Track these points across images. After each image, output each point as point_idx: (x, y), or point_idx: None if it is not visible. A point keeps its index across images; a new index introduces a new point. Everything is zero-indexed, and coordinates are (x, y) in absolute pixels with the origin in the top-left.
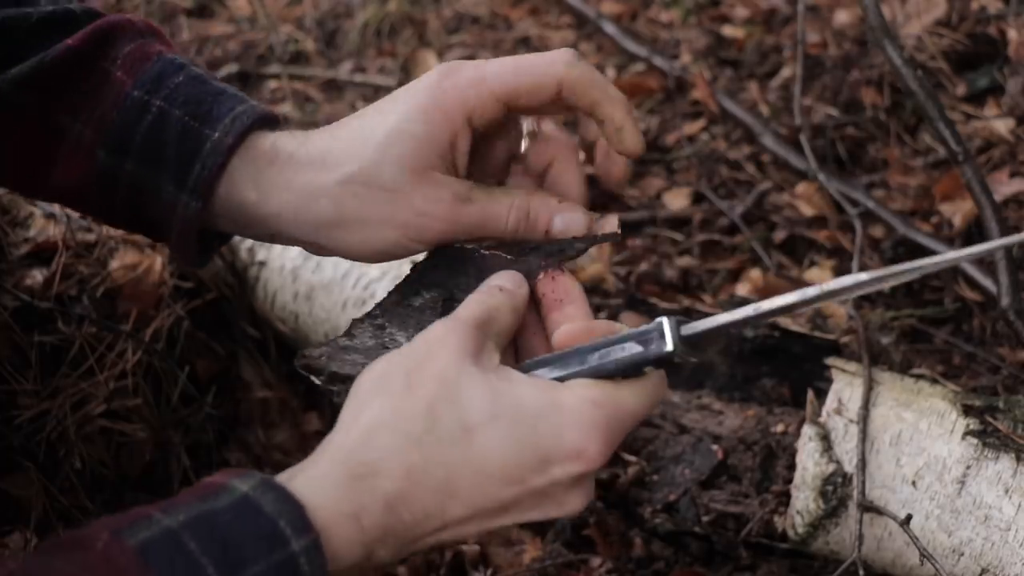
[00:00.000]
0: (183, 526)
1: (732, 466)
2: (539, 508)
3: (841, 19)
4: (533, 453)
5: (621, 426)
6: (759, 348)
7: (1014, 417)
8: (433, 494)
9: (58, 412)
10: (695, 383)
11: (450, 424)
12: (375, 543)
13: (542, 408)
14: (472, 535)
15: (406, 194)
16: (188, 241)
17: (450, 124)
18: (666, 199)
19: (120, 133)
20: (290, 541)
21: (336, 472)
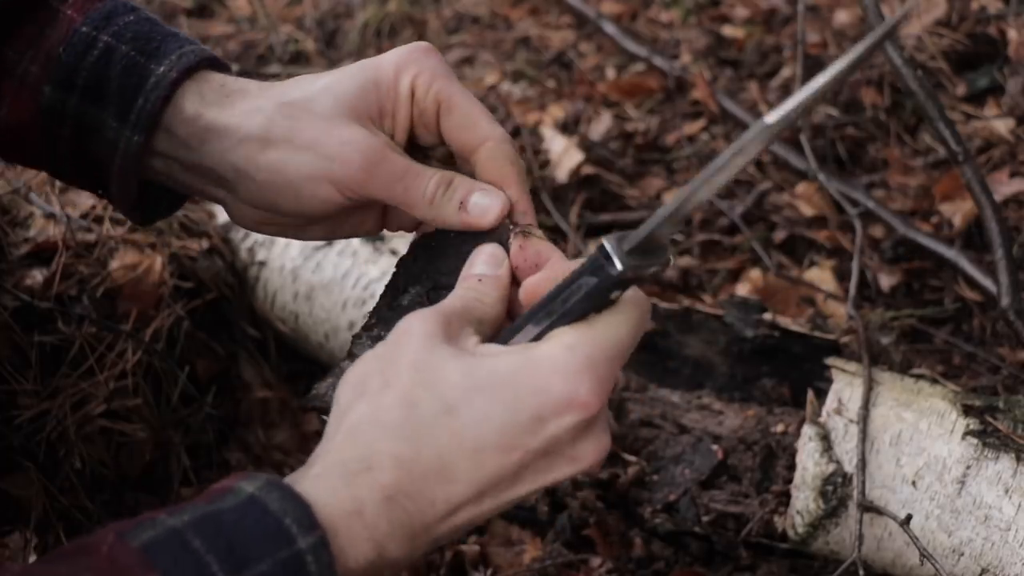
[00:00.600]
0: (188, 525)
1: (732, 466)
2: (553, 469)
3: (841, 19)
4: (522, 415)
5: (607, 360)
6: (759, 348)
7: (1014, 417)
8: (431, 480)
9: (58, 412)
10: (695, 383)
11: (430, 407)
12: (384, 538)
13: (519, 369)
14: (494, 511)
15: (336, 125)
16: (128, 182)
17: (402, 87)
18: (666, 199)
19: (66, 69)
20: (296, 539)
21: (332, 472)
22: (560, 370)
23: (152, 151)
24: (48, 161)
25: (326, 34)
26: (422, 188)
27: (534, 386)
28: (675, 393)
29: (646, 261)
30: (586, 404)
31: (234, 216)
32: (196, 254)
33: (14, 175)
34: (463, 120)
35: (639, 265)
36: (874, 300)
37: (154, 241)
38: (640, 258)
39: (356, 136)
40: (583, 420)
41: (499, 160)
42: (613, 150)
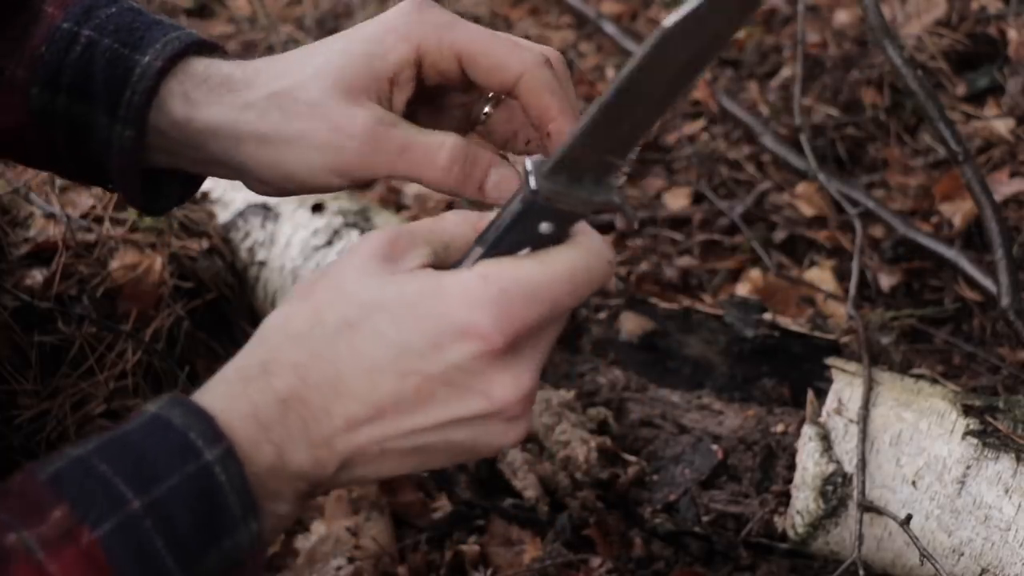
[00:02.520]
0: (92, 452)
1: (732, 466)
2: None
3: (841, 19)
4: (418, 338)
5: (524, 298)
6: (759, 348)
7: (1014, 417)
8: (325, 390)
9: (58, 412)
10: (695, 383)
11: (334, 320)
12: (281, 441)
13: (425, 292)
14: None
15: (327, 109)
16: (129, 176)
17: (396, 53)
18: (666, 199)
19: (49, 68)
20: (202, 452)
21: (231, 378)
22: (465, 297)
23: (150, 147)
24: (49, 161)
25: (326, 34)
26: (431, 160)
27: (435, 311)
28: (675, 393)
29: (576, 190)
30: (486, 336)
31: (249, 187)
32: (196, 254)
33: (14, 175)
34: (490, 63)
35: (562, 192)
36: (874, 300)
37: (154, 241)
38: (568, 185)
39: (347, 117)
40: (484, 352)
41: (536, 92)
42: None
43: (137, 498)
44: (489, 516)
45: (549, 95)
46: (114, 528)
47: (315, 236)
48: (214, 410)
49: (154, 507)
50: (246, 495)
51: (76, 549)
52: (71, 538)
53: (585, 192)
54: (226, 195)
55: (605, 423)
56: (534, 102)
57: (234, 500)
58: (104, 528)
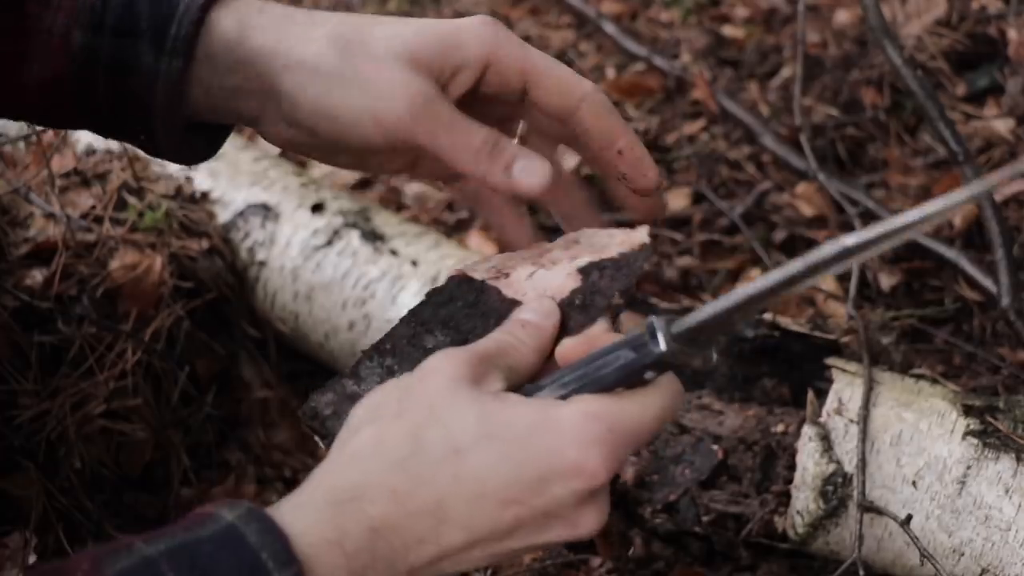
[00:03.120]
0: (163, 555)
1: (732, 466)
2: (549, 529)
3: (841, 19)
4: (529, 471)
5: (624, 438)
6: (759, 348)
7: (1014, 417)
8: (423, 518)
9: (58, 412)
10: (695, 383)
11: (438, 445)
12: (364, 570)
13: (536, 425)
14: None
15: (388, 66)
16: (173, 116)
17: (469, 50)
18: (666, 199)
19: (92, 11)
20: (272, 574)
21: (319, 498)
22: (576, 436)
23: (192, 79)
24: (85, 113)
25: None
26: (468, 141)
27: (547, 446)
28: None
29: (690, 350)
30: (594, 475)
31: (267, 135)
32: (196, 254)
33: (14, 175)
34: (555, 86)
35: (682, 351)
36: (874, 300)
37: (154, 241)
38: (685, 345)
39: (407, 79)
40: (589, 489)
41: (603, 113)
42: None
43: None
44: None
45: (613, 117)
46: None
47: (315, 236)
48: (294, 530)
49: None
50: None
51: None
52: None
53: (696, 350)
54: (226, 195)
55: None
56: (599, 124)
57: None
58: None
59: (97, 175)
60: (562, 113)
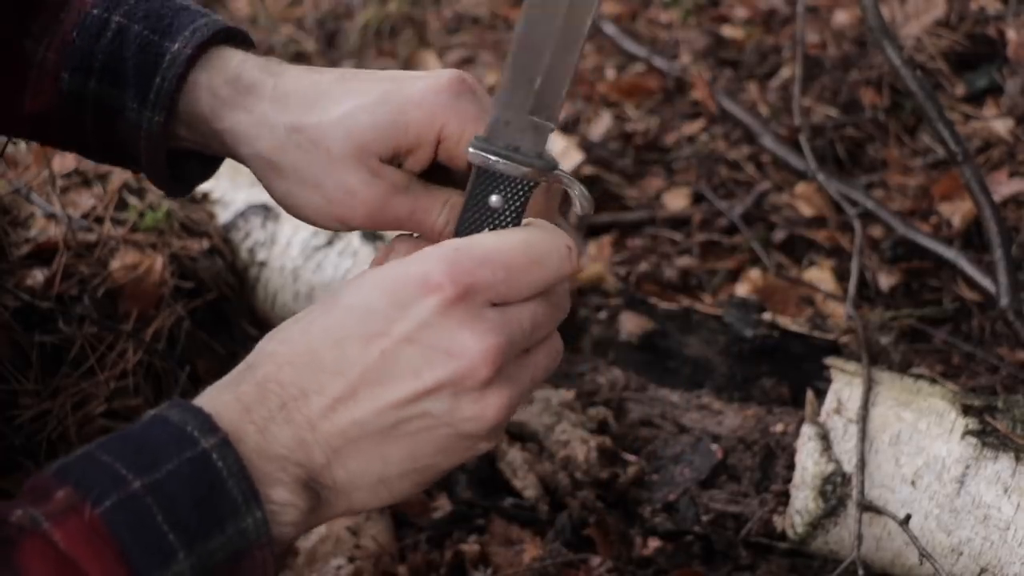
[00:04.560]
0: (96, 447)
1: (732, 466)
2: (428, 363)
3: (840, 19)
4: (381, 300)
5: (472, 255)
6: (759, 348)
7: (1013, 417)
8: (298, 368)
9: (59, 412)
10: (695, 383)
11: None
12: (264, 423)
13: (393, 265)
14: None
15: (344, 168)
16: (157, 160)
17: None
18: (666, 199)
19: (81, 53)
20: (199, 440)
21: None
22: (420, 256)
23: (176, 134)
24: (75, 145)
25: (326, 34)
26: (432, 219)
27: (394, 274)
28: (675, 393)
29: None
30: (439, 285)
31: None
32: (196, 254)
33: (15, 175)
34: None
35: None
36: (873, 300)
37: (155, 241)
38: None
39: (361, 187)
40: (442, 303)
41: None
42: (613, 150)
43: (137, 479)
44: (489, 516)
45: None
46: (115, 504)
47: (315, 236)
48: (210, 408)
49: (154, 487)
50: (244, 480)
51: (80, 521)
52: (75, 511)
53: (523, 157)
54: (226, 195)
55: (605, 423)
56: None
57: (233, 484)
58: (105, 504)
59: (98, 175)
60: None
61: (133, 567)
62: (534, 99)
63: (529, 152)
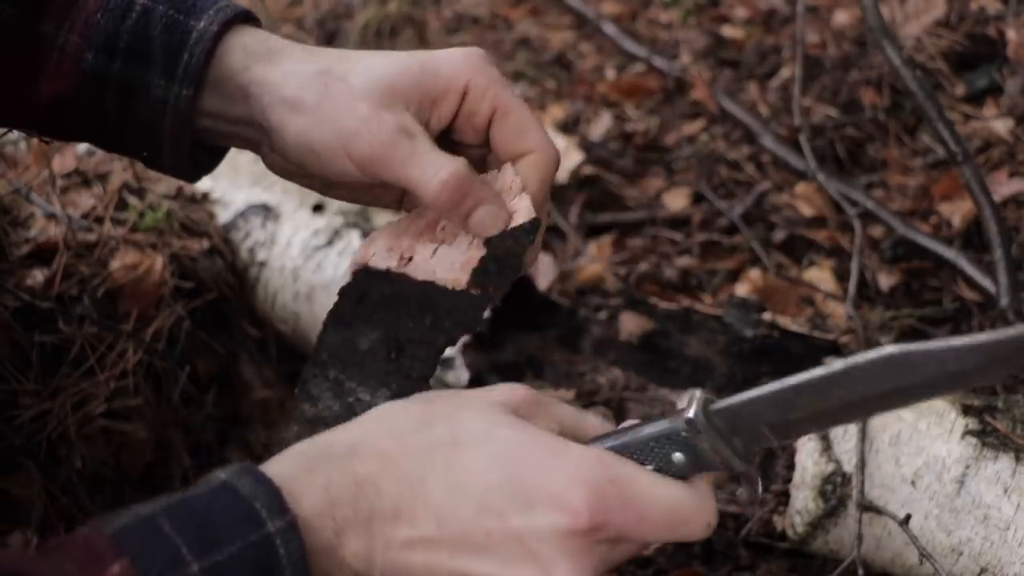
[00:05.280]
0: (159, 511)
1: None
2: (521, 563)
3: (840, 19)
4: (514, 483)
5: (622, 498)
6: (759, 348)
7: (1013, 417)
8: (404, 490)
9: (59, 412)
10: (695, 383)
11: (441, 432)
12: (345, 525)
13: (543, 446)
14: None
15: (362, 102)
16: (181, 137)
17: (448, 78)
18: (665, 199)
19: (106, 34)
20: (266, 522)
21: (313, 450)
22: (574, 468)
23: (199, 107)
24: (92, 131)
25: (326, 34)
26: (427, 183)
27: (542, 468)
28: (675, 393)
29: (723, 441)
30: (576, 513)
31: (268, 164)
32: (196, 254)
33: (15, 175)
34: (518, 126)
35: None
36: (873, 300)
37: (155, 241)
38: (719, 431)
39: (376, 115)
40: (568, 529)
41: (537, 176)
42: (613, 150)
43: (196, 561)
44: None
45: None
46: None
47: (315, 236)
48: (285, 480)
49: (212, 571)
50: (302, 572)
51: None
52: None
53: (730, 448)
54: (226, 195)
55: None
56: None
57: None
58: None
59: (98, 175)
60: (509, 154)
61: None
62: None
63: (739, 449)
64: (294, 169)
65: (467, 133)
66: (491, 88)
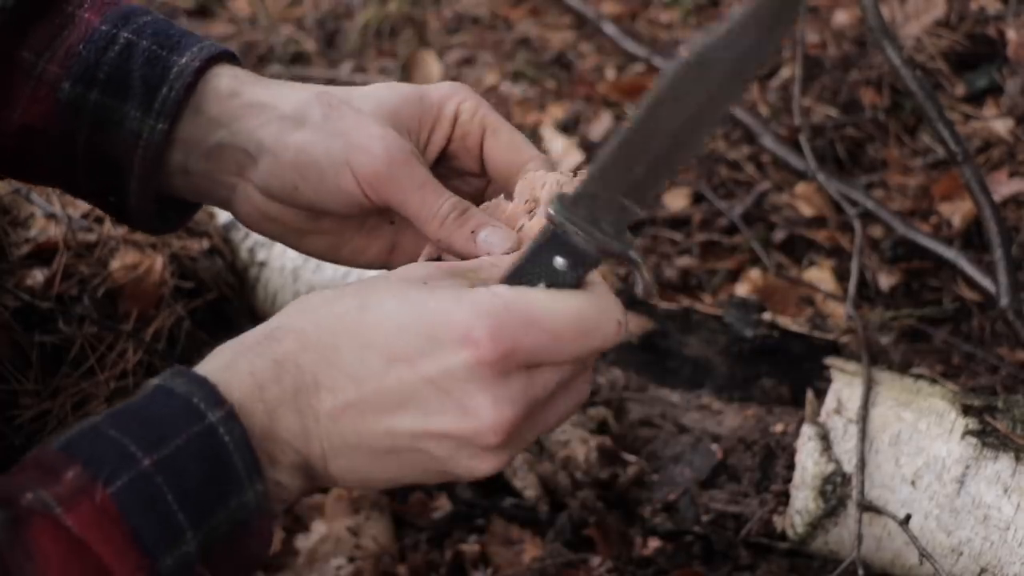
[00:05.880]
0: (101, 421)
1: (732, 466)
2: (436, 409)
3: (841, 19)
4: (417, 327)
5: (522, 320)
6: (759, 348)
7: (1013, 417)
8: (319, 359)
9: (59, 412)
10: (695, 383)
11: (349, 303)
12: (275, 404)
13: (441, 294)
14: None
15: (371, 122)
16: (150, 179)
17: (440, 103)
18: (666, 199)
19: (86, 64)
20: (206, 414)
21: (236, 344)
22: (472, 304)
23: (174, 137)
24: (59, 165)
25: (326, 34)
26: (437, 205)
27: (440, 308)
28: (675, 393)
29: (591, 227)
30: (479, 342)
31: (240, 209)
32: (196, 254)
33: None
34: (508, 142)
35: (577, 224)
36: (873, 300)
37: (155, 241)
38: (583, 220)
39: (386, 133)
40: (476, 360)
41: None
42: None
43: (147, 456)
44: (489, 516)
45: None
46: (126, 484)
47: None
48: (215, 377)
49: (163, 464)
50: (248, 454)
51: (91, 503)
52: (85, 493)
53: (600, 233)
54: None
55: (605, 423)
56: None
57: (238, 458)
58: (117, 484)
59: None
60: (505, 170)
61: (144, 547)
62: (632, 183)
63: (609, 230)
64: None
65: (464, 158)
66: (479, 109)
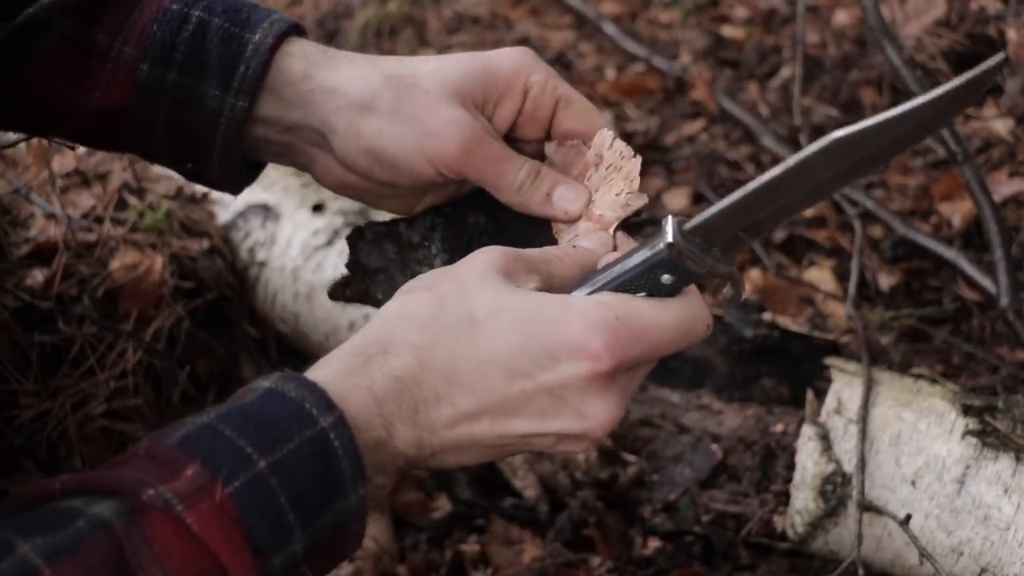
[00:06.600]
0: (216, 419)
1: (732, 466)
2: (557, 415)
3: (841, 19)
4: (536, 343)
5: (632, 330)
6: (759, 348)
7: (1013, 417)
8: (438, 375)
9: (59, 412)
10: (695, 383)
11: (456, 314)
12: (393, 419)
13: (550, 306)
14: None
15: (440, 104)
16: (233, 152)
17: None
18: (666, 199)
19: (162, 45)
20: (318, 419)
21: (347, 353)
22: (584, 317)
23: (254, 115)
24: (140, 142)
25: (326, 34)
26: (513, 174)
27: (555, 322)
28: (675, 393)
29: (704, 254)
30: (597, 355)
31: (320, 176)
32: (196, 254)
33: (15, 175)
34: (581, 111)
35: (693, 251)
36: (873, 300)
37: (154, 241)
38: (698, 247)
39: (459, 117)
40: (593, 372)
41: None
42: None
43: (262, 458)
44: (489, 516)
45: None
46: (244, 484)
47: (315, 236)
48: (327, 383)
49: (277, 466)
50: (356, 460)
51: (211, 502)
52: (206, 492)
53: (711, 259)
54: (226, 195)
55: None
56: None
57: (346, 464)
58: (235, 484)
59: (98, 175)
60: (581, 136)
61: (257, 547)
62: (751, 223)
63: (718, 255)
64: (352, 178)
65: (529, 129)
66: (549, 81)
